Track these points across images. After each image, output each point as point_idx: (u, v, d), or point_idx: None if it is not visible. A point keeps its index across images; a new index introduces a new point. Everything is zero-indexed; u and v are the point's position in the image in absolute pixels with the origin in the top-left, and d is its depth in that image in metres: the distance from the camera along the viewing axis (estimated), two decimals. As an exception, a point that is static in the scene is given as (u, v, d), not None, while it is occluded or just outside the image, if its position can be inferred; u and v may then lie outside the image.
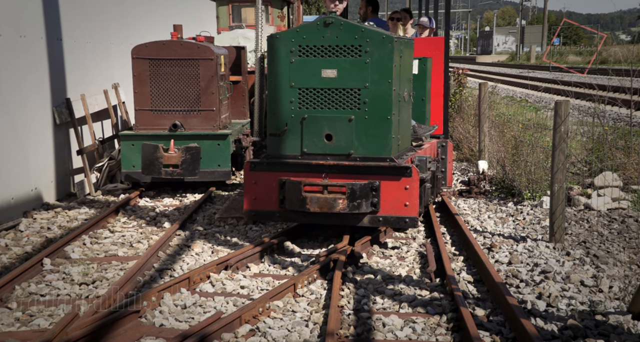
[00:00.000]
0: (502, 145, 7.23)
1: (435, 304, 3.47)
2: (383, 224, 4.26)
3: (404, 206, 4.21)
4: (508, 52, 64.12)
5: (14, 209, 5.62)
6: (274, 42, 4.36)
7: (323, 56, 4.28)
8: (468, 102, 10.56)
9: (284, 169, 4.36)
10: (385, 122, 4.25)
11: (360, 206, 4.18)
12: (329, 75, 4.26)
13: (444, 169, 5.83)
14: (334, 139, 4.30)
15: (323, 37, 4.26)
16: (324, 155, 4.33)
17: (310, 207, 4.20)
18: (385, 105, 4.24)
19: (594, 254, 4.28)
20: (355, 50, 4.25)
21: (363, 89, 4.25)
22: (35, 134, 6.05)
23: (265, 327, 3.16)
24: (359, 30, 4.24)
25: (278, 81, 4.34)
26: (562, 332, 3.09)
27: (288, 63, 4.31)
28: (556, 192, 4.55)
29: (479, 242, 4.61)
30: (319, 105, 4.31)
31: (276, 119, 4.38)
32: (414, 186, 4.21)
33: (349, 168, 4.27)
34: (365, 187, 4.18)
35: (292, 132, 4.35)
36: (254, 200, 4.42)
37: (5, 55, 5.64)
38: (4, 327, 3.22)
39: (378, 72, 4.22)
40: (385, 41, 4.22)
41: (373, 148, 4.27)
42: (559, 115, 4.49)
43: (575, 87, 17.05)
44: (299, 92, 4.32)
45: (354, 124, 4.27)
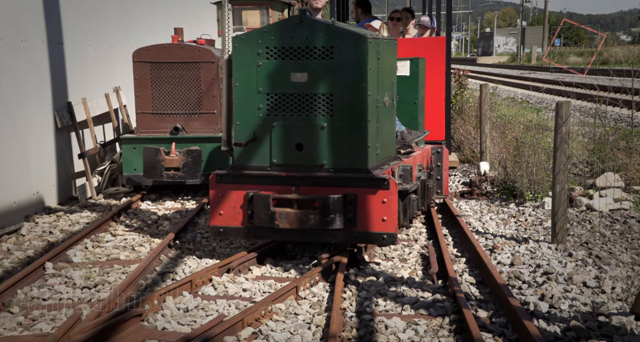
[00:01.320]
0: (503, 147, 7.22)
1: (437, 306, 3.47)
2: (360, 240, 3.95)
3: (382, 221, 3.87)
4: (509, 53, 64.13)
5: (16, 213, 5.63)
6: (239, 44, 4.03)
7: (292, 59, 3.94)
8: (469, 104, 10.56)
9: (252, 181, 4.03)
10: (360, 130, 3.92)
11: (333, 221, 3.84)
12: (299, 79, 3.92)
13: (440, 176, 5.52)
14: (305, 149, 3.96)
15: (292, 37, 3.93)
16: (295, 166, 3.99)
17: (279, 223, 3.88)
18: (359, 112, 3.90)
19: (596, 255, 4.27)
20: (326, 52, 3.91)
21: (335, 94, 3.92)
22: (37, 138, 6.06)
23: (268, 330, 3.16)
24: (330, 30, 3.89)
25: (244, 86, 4.03)
26: (564, 334, 3.08)
27: (255, 66, 4.00)
28: (558, 193, 4.54)
29: (480, 244, 4.61)
30: (288, 112, 3.99)
31: (243, 127, 4.06)
32: (392, 199, 3.87)
33: (321, 180, 3.93)
34: (339, 201, 3.84)
35: (261, 142, 4.04)
36: (220, 215, 4.08)
37: (6, 59, 5.65)
38: (7, 331, 3.22)
39: (351, 75, 3.88)
40: (358, 42, 3.86)
41: (347, 158, 3.94)
42: (560, 116, 4.49)
43: (576, 88, 17.04)
44: (268, 98, 4.01)
45: (327, 133, 3.93)
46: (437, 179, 5.45)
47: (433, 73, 5.96)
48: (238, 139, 4.08)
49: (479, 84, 10.45)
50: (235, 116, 4.10)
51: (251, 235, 4.09)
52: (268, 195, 3.91)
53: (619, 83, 14.27)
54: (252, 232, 4.06)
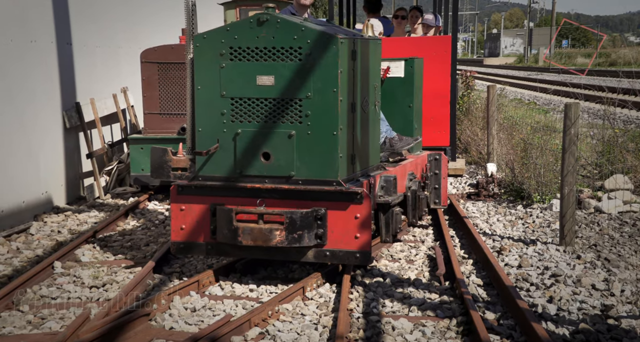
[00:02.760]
0: (510, 148, 7.20)
1: (444, 307, 3.46)
2: (330, 259, 3.65)
3: (354, 239, 3.55)
4: (516, 54, 63.92)
5: (25, 212, 5.67)
6: (201, 43, 3.72)
7: (258, 60, 3.63)
8: (476, 105, 10.54)
9: (215, 193, 3.71)
10: (331, 139, 3.58)
11: (301, 238, 3.54)
12: (265, 82, 3.62)
13: (438, 185, 5.11)
14: (272, 158, 3.65)
15: (257, 37, 3.61)
16: (261, 177, 3.68)
17: (242, 240, 3.57)
18: (330, 119, 3.57)
19: (605, 258, 4.25)
20: (294, 53, 3.59)
21: (305, 100, 3.59)
22: (46, 137, 6.10)
23: (275, 330, 3.17)
24: (298, 29, 3.57)
25: (207, 89, 3.71)
26: (573, 337, 3.07)
27: (218, 68, 3.68)
28: (566, 195, 4.52)
29: (488, 246, 4.59)
30: (254, 118, 3.67)
31: (205, 134, 3.75)
32: (365, 214, 3.55)
33: (288, 193, 3.62)
34: (307, 216, 3.54)
35: (225, 150, 3.72)
36: (182, 230, 3.78)
37: (16, 59, 5.69)
38: (16, 329, 3.25)
39: (321, 79, 3.56)
40: (328, 42, 3.54)
41: (317, 169, 3.61)
42: (569, 118, 4.47)
43: (584, 90, 16.96)
44: (232, 103, 3.69)
45: (295, 141, 3.61)
46: (435, 188, 5.10)
47: (437, 74, 5.62)
48: (200, 147, 3.77)
49: (486, 85, 10.42)
50: (197, 122, 3.79)
51: (214, 252, 3.79)
52: (231, 209, 3.61)
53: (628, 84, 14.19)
54: (215, 249, 3.76)
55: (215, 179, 3.75)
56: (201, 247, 3.79)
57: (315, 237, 3.59)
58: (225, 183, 3.72)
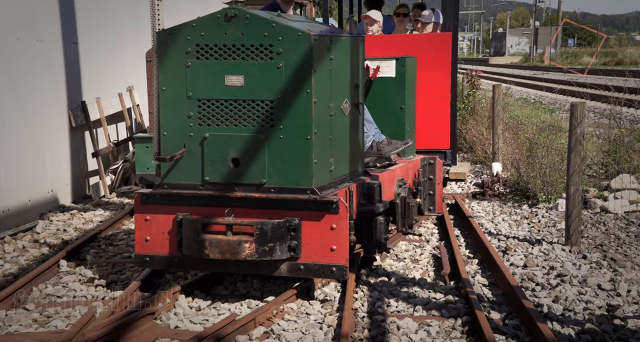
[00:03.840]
0: (516, 148, 7.18)
1: (450, 307, 3.45)
2: (305, 273, 3.38)
3: (330, 251, 3.30)
4: (521, 53, 63.71)
5: (31, 211, 5.69)
6: (165, 40, 3.47)
7: (226, 58, 3.38)
8: (482, 104, 10.51)
9: (181, 202, 3.46)
10: (304, 144, 3.33)
11: (273, 251, 3.28)
12: (234, 83, 3.37)
13: (432, 191, 4.81)
14: (242, 165, 3.39)
15: (225, 34, 3.37)
16: (230, 185, 3.42)
17: (209, 253, 3.29)
18: (303, 122, 3.32)
19: (611, 258, 4.23)
20: (265, 52, 3.35)
21: (276, 101, 3.35)
22: (52, 136, 6.12)
23: (280, 330, 3.17)
24: (269, 25, 3.33)
25: (172, 90, 3.47)
26: (579, 337, 3.06)
27: (183, 67, 3.43)
28: (572, 194, 4.51)
29: (493, 245, 4.58)
30: (223, 121, 3.41)
31: (170, 138, 3.49)
32: (342, 225, 3.29)
33: (259, 202, 3.36)
34: (279, 227, 3.27)
35: (191, 156, 3.47)
36: (146, 242, 3.53)
37: (23, 58, 5.71)
38: (22, 328, 3.26)
39: (293, 79, 3.32)
40: (301, 40, 3.30)
41: (290, 176, 3.36)
42: (575, 117, 4.45)
43: (591, 89, 16.89)
44: (199, 105, 3.44)
45: (266, 146, 3.36)
46: (429, 194, 4.80)
47: (437, 74, 5.31)
48: (165, 153, 3.51)
49: (492, 84, 10.39)
50: (162, 126, 3.53)
51: (180, 265, 3.54)
52: (197, 219, 3.35)
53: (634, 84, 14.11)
54: (181, 262, 3.51)
55: (182, 187, 3.50)
56: (167, 260, 3.53)
57: (288, 250, 3.32)
58: (192, 191, 3.47)
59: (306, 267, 3.36)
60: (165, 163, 3.50)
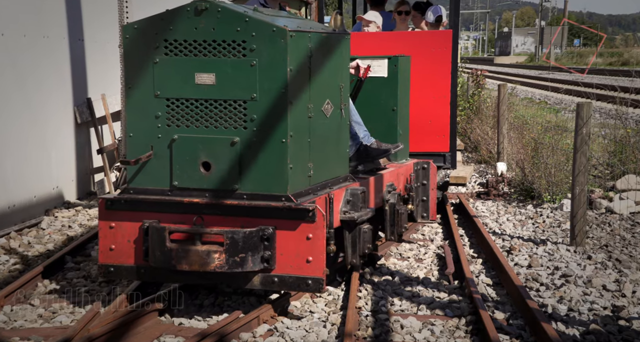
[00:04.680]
0: (521, 147, 7.16)
1: (453, 306, 3.45)
2: (279, 286, 3.16)
3: (306, 263, 3.08)
4: (527, 53, 63.51)
5: (36, 207, 5.72)
6: (131, 35, 3.23)
7: (197, 55, 3.15)
8: (487, 104, 10.50)
9: (148, 208, 3.23)
10: (279, 147, 3.10)
11: (244, 262, 3.05)
12: (205, 81, 3.15)
13: (426, 197, 4.48)
14: (214, 169, 3.16)
15: (195, 28, 3.14)
16: (201, 190, 3.19)
17: (176, 264, 3.07)
18: (278, 124, 3.10)
19: (616, 258, 4.22)
20: (237, 48, 3.11)
21: (250, 102, 3.12)
22: (57, 133, 6.14)
23: (283, 328, 3.17)
24: (241, 19, 3.10)
25: (139, 88, 3.23)
26: (584, 337, 3.05)
27: (151, 64, 3.20)
28: (577, 195, 4.49)
29: (497, 245, 4.57)
30: (193, 122, 3.19)
31: (137, 140, 3.26)
32: (318, 235, 3.07)
33: (231, 209, 3.14)
34: (252, 237, 3.05)
35: (159, 159, 3.23)
36: (111, 251, 3.29)
37: (29, 55, 5.73)
38: (28, 323, 3.28)
39: (268, 78, 3.09)
40: (276, 36, 3.06)
41: (264, 182, 3.13)
42: (581, 117, 4.44)
43: (596, 89, 16.82)
44: (167, 104, 3.21)
45: (239, 149, 3.13)
46: (423, 200, 4.49)
47: (436, 73, 5.02)
48: (131, 155, 3.27)
49: (497, 84, 10.38)
50: (128, 126, 3.31)
51: (147, 276, 3.31)
52: (164, 227, 3.12)
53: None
54: (148, 273, 3.28)
55: (149, 192, 3.26)
56: (133, 271, 3.30)
57: (261, 261, 3.09)
58: (160, 197, 3.22)
59: (280, 280, 3.14)
60: (131, 166, 3.27)
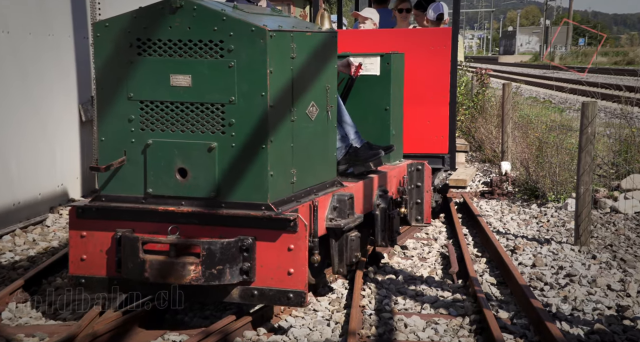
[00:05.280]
0: (525, 147, 7.15)
1: (457, 305, 3.45)
2: (259, 300, 2.99)
3: (287, 275, 2.92)
4: (531, 52, 63.34)
5: (41, 204, 5.74)
6: (103, 33, 3.07)
7: (172, 55, 2.99)
8: (491, 103, 10.48)
9: (121, 217, 3.06)
10: (259, 153, 2.94)
11: (222, 274, 2.88)
12: (181, 83, 2.99)
13: (420, 200, 4.31)
14: (190, 176, 3.00)
15: (170, 27, 2.98)
16: (177, 198, 3.02)
17: (149, 276, 2.90)
18: (257, 129, 2.94)
19: (621, 258, 4.21)
20: (214, 49, 2.94)
21: (228, 105, 2.95)
22: (62, 130, 6.16)
23: (287, 326, 3.18)
24: (218, 18, 2.94)
25: (111, 90, 3.08)
26: (588, 337, 3.04)
27: (123, 64, 3.04)
28: (582, 194, 4.48)
29: (501, 244, 4.57)
30: (168, 126, 3.02)
31: (109, 144, 3.09)
32: (300, 245, 2.91)
33: (209, 218, 2.97)
34: (230, 248, 2.88)
35: (133, 165, 3.07)
36: (82, 261, 3.13)
37: (34, 52, 5.75)
38: (32, 320, 3.29)
39: (246, 80, 2.93)
40: (255, 36, 2.90)
41: (243, 190, 2.97)
42: (586, 117, 4.42)
43: (602, 88, 16.77)
44: (141, 107, 3.04)
45: (217, 155, 2.96)
46: (417, 203, 4.32)
47: (435, 72, 4.84)
48: (103, 161, 3.11)
49: (501, 83, 10.36)
50: (100, 130, 3.15)
51: (120, 289, 3.14)
52: (137, 237, 2.95)
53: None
54: (121, 286, 3.11)
55: (122, 200, 3.09)
56: (105, 283, 3.14)
57: (240, 273, 2.92)
58: (133, 205, 3.06)
59: (260, 293, 2.96)
60: (102, 173, 3.10)
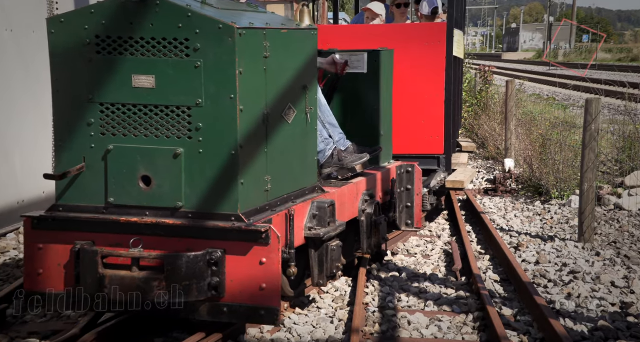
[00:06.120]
0: (529, 144, 7.14)
1: (461, 302, 3.45)
2: (229, 317, 2.79)
3: (259, 291, 2.71)
4: (535, 49, 63.14)
5: (45, 202, 5.74)
6: (58, 30, 2.83)
7: (134, 54, 2.76)
8: (494, 100, 10.47)
9: (81, 228, 2.85)
10: (229, 159, 2.73)
11: (189, 290, 2.68)
12: (144, 84, 2.76)
13: (410, 203, 4.13)
14: (154, 184, 2.79)
15: (132, 23, 2.75)
16: (140, 208, 2.81)
17: (109, 292, 2.72)
18: (226, 133, 2.73)
19: (624, 255, 4.20)
20: (180, 47, 2.73)
21: (194, 108, 2.74)
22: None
23: (291, 323, 3.18)
24: (183, 14, 2.70)
25: (68, 92, 2.86)
26: (592, 334, 3.04)
27: (81, 64, 2.82)
28: (586, 191, 4.47)
29: (505, 241, 4.56)
30: (131, 131, 2.81)
31: (67, 150, 2.87)
32: (273, 259, 2.70)
33: (174, 229, 2.76)
34: (197, 262, 2.68)
35: (93, 172, 2.85)
36: (38, 276, 2.90)
37: (38, 51, 5.76)
38: (37, 318, 3.31)
39: (214, 81, 2.71)
40: (223, 34, 2.67)
41: (212, 199, 2.76)
42: (590, 114, 4.41)
43: (605, 85, 16.73)
44: (102, 110, 2.83)
45: (183, 162, 2.76)
46: (407, 207, 4.14)
47: (429, 69, 4.65)
48: (59, 168, 2.89)
49: (505, 80, 10.34)
50: (56, 134, 2.92)
51: (79, 306, 2.88)
52: (96, 251, 2.74)
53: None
54: (80, 302, 2.86)
55: (81, 210, 2.87)
56: (63, 300, 2.89)
57: (208, 289, 2.71)
58: (93, 216, 2.85)
59: (230, 310, 2.75)
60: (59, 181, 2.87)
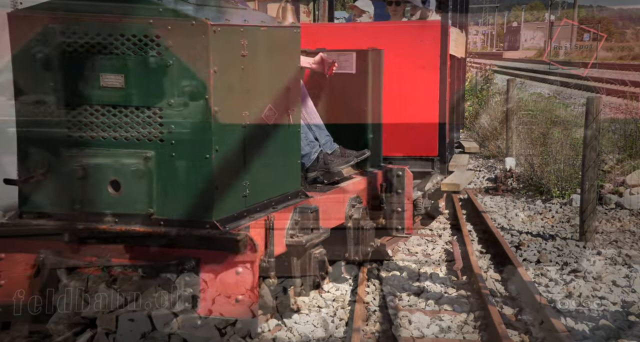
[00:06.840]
0: (530, 142, 7.13)
1: (462, 301, 3.44)
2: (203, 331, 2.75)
3: (235, 302, 2.62)
4: (536, 47, 63.06)
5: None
6: (18, 24, 2.65)
7: (102, 52, 2.59)
8: (495, 99, 10.46)
9: (45, 236, 2.70)
10: (202, 164, 2.59)
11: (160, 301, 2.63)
12: (113, 83, 2.61)
13: (400, 208, 3.98)
14: (124, 190, 2.64)
15: (99, 18, 2.61)
16: (109, 215, 2.68)
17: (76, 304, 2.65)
18: (200, 137, 2.58)
19: (626, 254, 4.19)
20: (150, 45, 2.56)
21: (166, 109, 2.59)
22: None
23: (292, 322, 3.18)
24: (154, 10, 2.55)
25: (30, 92, 2.72)
26: (593, 333, 3.03)
27: (46, 61, 2.67)
28: (587, 190, 4.46)
29: (506, 240, 4.56)
30: (99, 133, 2.66)
31: (30, 153, 2.73)
32: (249, 268, 2.58)
33: (144, 238, 2.63)
34: (169, 271, 2.61)
35: (58, 177, 2.70)
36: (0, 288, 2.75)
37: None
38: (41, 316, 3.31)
39: (186, 81, 2.56)
40: (196, 30, 2.52)
41: (185, 205, 2.63)
42: (591, 112, 4.40)
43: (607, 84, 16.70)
44: (67, 112, 2.67)
45: (154, 166, 2.62)
46: (397, 212, 4.00)
47: (422, 68, 4.55)
48: (22, 173, 2.75)
49: (506, 78, 10.33)
50: (18, 137, 2.77)
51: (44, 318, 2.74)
52: (61, 260, 2.65)
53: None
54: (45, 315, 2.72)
55: (46, 217, 2.72)
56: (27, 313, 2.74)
57: (182, 300, 2.61)
58: (60, 223, 2.68)
59: (205, 322, 2.69)
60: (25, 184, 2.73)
